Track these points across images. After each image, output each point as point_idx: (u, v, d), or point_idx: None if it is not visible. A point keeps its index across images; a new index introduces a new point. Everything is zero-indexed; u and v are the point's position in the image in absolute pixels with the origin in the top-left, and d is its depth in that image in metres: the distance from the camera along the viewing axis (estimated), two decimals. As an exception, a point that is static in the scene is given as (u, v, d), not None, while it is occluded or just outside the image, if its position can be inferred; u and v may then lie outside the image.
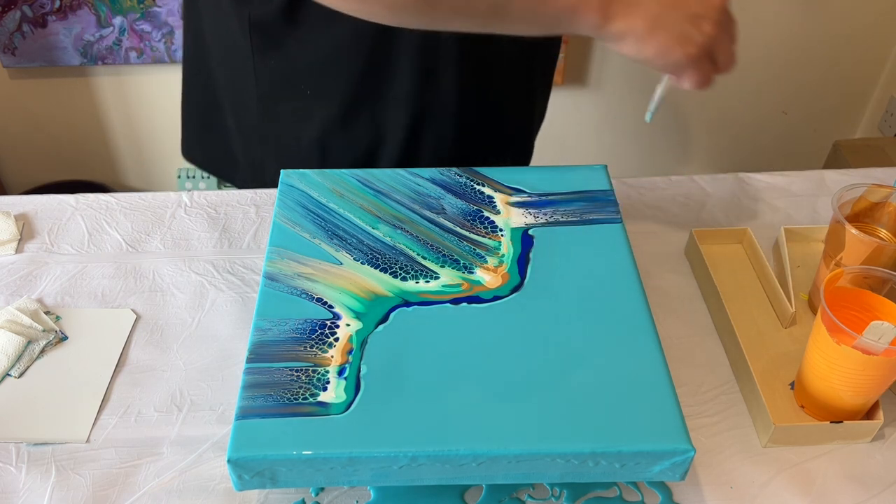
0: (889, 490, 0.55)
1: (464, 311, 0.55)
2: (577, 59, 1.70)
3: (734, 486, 0.55)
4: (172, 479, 0.56)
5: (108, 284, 0.71)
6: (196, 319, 0.68)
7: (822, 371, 0.56)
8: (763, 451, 0.58)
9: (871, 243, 0.61)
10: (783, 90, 1.80)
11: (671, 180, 0.84)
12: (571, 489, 0.55)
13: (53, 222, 0.78)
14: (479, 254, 0.60)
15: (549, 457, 0.47)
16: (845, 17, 1.67)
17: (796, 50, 1.72)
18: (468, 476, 0.49)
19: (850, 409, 0.57)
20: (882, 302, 0.57)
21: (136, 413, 0.60)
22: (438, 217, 0.63)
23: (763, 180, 0.84)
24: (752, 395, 0.60)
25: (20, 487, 0.55)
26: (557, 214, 0.63)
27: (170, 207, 0.80)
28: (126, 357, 0.65)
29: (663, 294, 0.71)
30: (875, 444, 0.58)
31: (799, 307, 0.68)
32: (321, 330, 0.54)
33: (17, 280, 0.72)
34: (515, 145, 0.91)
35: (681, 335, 0.67)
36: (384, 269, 0.58)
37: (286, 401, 0.49)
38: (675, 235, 0.77)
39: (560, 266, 0.59)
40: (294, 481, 0.49)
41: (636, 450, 0.47)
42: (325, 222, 0.62)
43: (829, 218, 0.70)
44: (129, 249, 0.75)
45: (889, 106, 1.80)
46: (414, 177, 0.67)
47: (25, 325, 0.65)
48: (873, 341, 0.52)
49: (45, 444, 0.58)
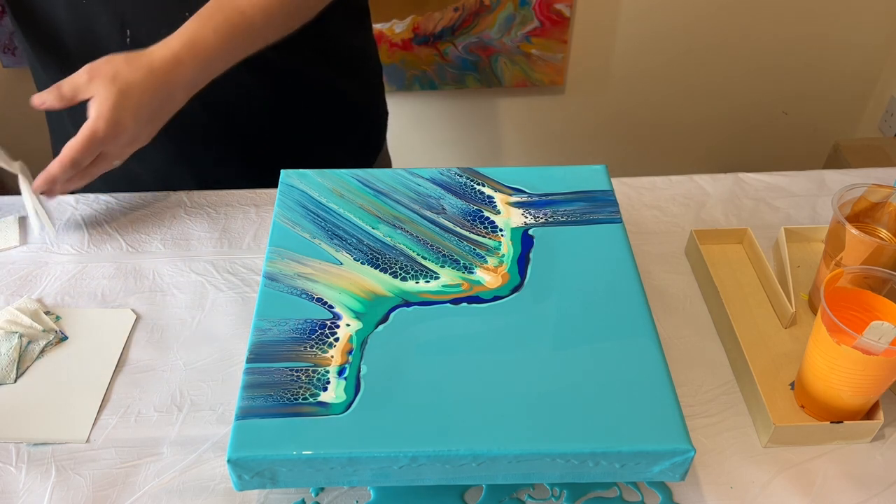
0: (889, 490, 0.55)
1: (464, 311, 0.55)
2: (577, 60, 1.70)
3: (734, 486, 0.55)
4: (172, 479, 0.56)
5: (108, 284, 0.71)
6: (196, 319, 0.68)
7: (822, 371, 0.56)
8: (763, 451, 0.58)
9: (872, 243, 0.61)
10: (783, 90, 1.80)
11: (671, 180, 0.84)
12: (571, 489, 0.55)
13: (53, 222, 0.78)
14: (479, 254, 0.60)
15: (549, 457, 0.47)
16: (845, 17, 1.67)
17: (796, 50, 1.72)
18: (468, 476, 0.49)
19: (850, 409, 0.57)
20: (882, 302, 0.57)
21: (136, 413, 0.60)
22: (438, 217, 0.63)
23: (763, 180, 0.84)
24: (752, 396, 0.60)
25: (20, 487, 0.55)
26: (557, 214, 0.63)
27: (170, 207, 0.80)
28: (126, 357, 0.65)
29: (663, 294, 0.71)
30: (875, 444, 0.58)
31: (799, 307, 0.68)
32: (321, 330, 0.54)
33: (17, 280, 0.72)
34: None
35: (681, 335, 0.67)
36: (384, 270, 0.58)
37: (286, 401, 0.49)
38: (675, 235, 0.77)
39: (560, 266, 0.59)
40: (294, 481, 0.49)
41: (636, 450, 0.47)
42: (325, 222, 0.62)
43: (829, 218, 0.70)
44: (129, 249, 0.75)
45: (889, 106, 1.80)
46: (414, 177, 0.67)
47: (25, 325, 0.65)
48: (873, 341, 0.52)
49: (45, 444, 0.58)
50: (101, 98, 0.65)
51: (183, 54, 0.67)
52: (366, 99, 0.97)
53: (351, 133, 0.95)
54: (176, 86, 0.68)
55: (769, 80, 1.78)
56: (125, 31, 0.76)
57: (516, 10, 1.58)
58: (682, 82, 1.76)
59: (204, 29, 0.67)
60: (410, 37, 1.61)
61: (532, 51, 1.65)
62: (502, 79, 1.70)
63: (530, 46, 1.65)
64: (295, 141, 0.89)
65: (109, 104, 0.65)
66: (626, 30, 1.66)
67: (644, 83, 1.76)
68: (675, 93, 1.79)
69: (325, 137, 0.92)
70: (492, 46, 1.64)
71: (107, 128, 0.65)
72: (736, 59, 1.73)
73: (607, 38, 1.67)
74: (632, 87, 1.76)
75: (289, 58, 0.82)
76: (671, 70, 1.74)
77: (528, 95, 1.77)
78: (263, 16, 0.69)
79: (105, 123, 0.65)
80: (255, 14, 0.69)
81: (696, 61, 1.72)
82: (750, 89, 1.79)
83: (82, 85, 0.66)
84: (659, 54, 1.70)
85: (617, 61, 1.71)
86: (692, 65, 1.73)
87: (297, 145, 0.90)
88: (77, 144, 0.65)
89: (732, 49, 1.71)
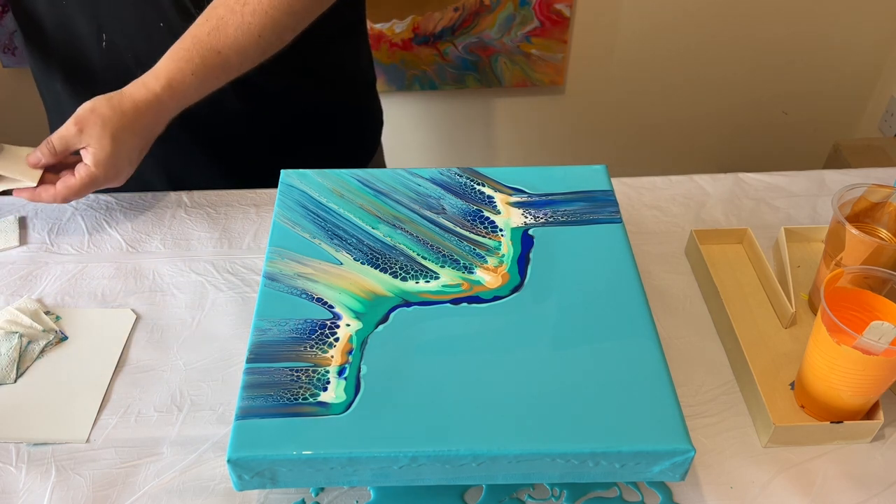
0: (889, 490, 0.55)
1: (464, 311, 0.55)
2: (577, 60, 1.70)
3: (734, 486, 0.55)
4: (172, 479, 0.56)
5: (108, 284, 0.71)
6: (196, 319, 0.68)
7: (822, 371, 0.56)
8: (763, 451, 0.58)
9: (872, 243, 0.61)
10: (783, 90, 1.80)
11: (671, 180, 0.84)
12: (571, 489, 0.55)
13: (53, 222, 0.78)
14: (479, 254, 0.60)
15: (549, 457, 0.47)
16: (845, 17, 1.67)
17: (796, 50, 1.72)
18: (468, 476, 0.49)
19: (850, 409, 0.57)
20: (882, 302, 0.57)
21: (136, 413, 0.60)
22: (438, 217, 0.63)
23: (763, 180, 0.84)
24: (752, 396, 0.60)
25: (20, 487, 0.55)
26: (557, 214, 0.63)
27: (170, 207, 0.80)
28: (126, 357, 0.65)
29: (663, 294, 0.71)
30: (875, 444, 0.58)
31: (799, 307, 0.68)
32: (321, 330, 0.54)
33: (17, 280, 0.72)
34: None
35: (681, 335, 0.67)
36: (384, 269, 0.58)
37: (286, 401, 0.49)
38: (675, 235, 0.77)
39: (560, 266, 0.59)
40: (294, 481, 0.49)
41: (636, 450, 0.47)
42: (325, 222, 0.62)
43: (829, 218, 0.70)
44: (129, 249, 0.75)
45: (889, 106, 1.80)
46: (414, 177, 0.67)
47: (25, 325, 0.65)
48: (873, 341, 0.52)
49: (45, 444, 0.58)
50: (95, 148, 0.69)
51: (164, 96, 0.70)
52: (356, 111, 0.97)
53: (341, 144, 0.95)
54: (159, 123, 0.72)
55: (769, 80, 1.78)
56: (101, 36, 0.78)
57: (516, 10, 1.58)
58: (681, 82, 1.76)
59: (182, 73, 0.70)
60: (410, 37, 1.61)
61: (532, 51, 1.65)
62: (502, 79, 1.70)
63: (530, 46, 1.65)
64: (282, 156, 0.89)
65: (105, 154, 0.69)
66: (626, 30, 1.66)
67: (644, 83, 1.76)
68: (674, 93, 1.79)
69: (314, 150, 0.91)
70: (492, 46, 1.64)
71: (106, 174, 0.70)
72: (736, 59, 1.73)
73: (607, 39, 1.67)
74: (632, 87, 1.76)
75: (275, 79, 0.82)
76: (671, 70, 1.74)
77: (528, 95, 1.77)
78: (239, 56, 0.72)
79: (104, 171, 0.70)
80: (230, 55, 0.71)
81: (695, 61, 1.72)
82: (750, 89, 1.79)
83: (72, 137, 0.70)
84: (659, 54, 1.70)
85: (617, 61, 1.71)
86: (692, 65, 1.73)
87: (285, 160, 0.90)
88: (76, 187, 0.70)
89: (732, 49, 1.71)
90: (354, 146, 0.98)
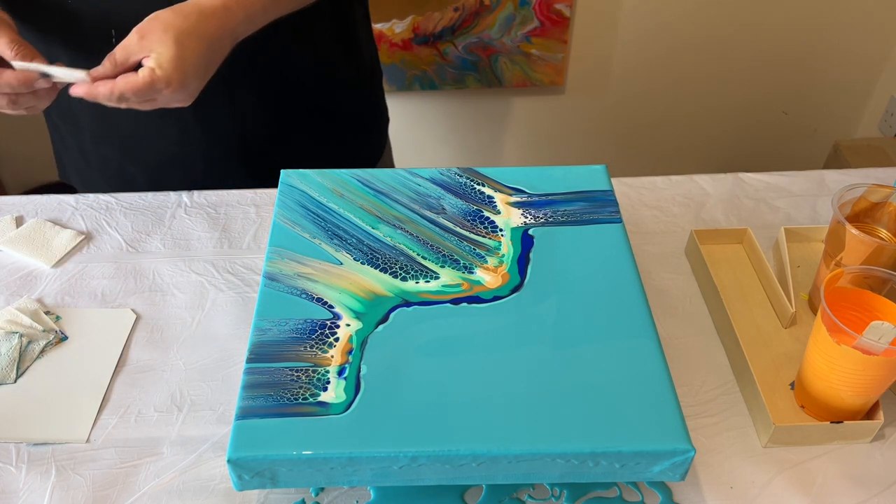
0: (889, 490, 0.55)
1: (464, 311, 0.55)
2: (577, 60, 1.70)
3: (734, 486, 0.55)
4: (172, 479, 0.56)
5: (108, 284, 0.71)
6: (196, 319, 0.68)
7: (822, 371, 0.56)
8: (763, 451, 0.58)
9: (872, 243, 0.61)
10: (783, 90, 1.80)
11: (671, 180, 0.84)
12: (571, 489, 0.55)
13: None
14: (479, 254, 0.60)
15: (549, 457, 0.47)
16: (845, 17, 1.67)
17: (796, 50, 1.72)
18: (468, 476, 0.49)
19: (850, 409, 0.57)
20: (882, 302, 0.57)
21: (136, 413, 0.60)
22: (438, 217, 0.63)
23: (763, 180, 0.84)
24: (752, 396, 0.60)
25: (20, 487, 0.55)
26: (557, 214, 0.63)
27: (170, 207, 0.80)
28: (126, 357, 0.65)
29: (663, 294, 0.71)
30: (875, 444, 0.58)
31: (799, 307, 0.68)
32: (321, 330, 0.54)
33: (17, 280, 0.72)
34: None
35: (681, 335, 0.67)
36: (384, 269, 0.58)
37: (286, 401, 0.49)
38: (675, 235, 0.77)
39: (560, 266, 0.59)
40: (294, 481, 0.49)
41: (636, 450, 0.47)
42: (325, 222, 0.62)
43: (829, 218, 0.70)
44: (129, 249, 0.75)
45: (889, 106, 1.80)
46: (414, 177, 0.67)
47: (25, 325, 0.65)
48: (873, 341, 0.52)
49: (45, 444, 0.58)
50: (157, 51, 0.63)
51: (231, 2, 0.65)
52: (363, 111, 0.96)
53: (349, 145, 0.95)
54: (225, 32, 0.66)
55: (769, 80, 1.78)
56: (111, 32, 0.75)
57: (516, 10, 1.58)
58: (681, 82, 1.76)
59: None
60: (410, 37, 1.61)
61: (532, 51, 1.65)
62: (502, 79, 1.70)
63: (530, 46, 1.65)
64: (291, 154, 0.89)
65: (169, 55, 0.63)
66: (626, 30, 1.66)
67: (644, 83, 1.76)
68: (675, 93, 1.79)
69: (323, 149, 0.91)
70: (492, 46, 1.64)
71: (168, 78, 0.63)
72: (736, 60, 1.73)
73: (607, 39, 1.67)
74: (632, 87, 1.76)
75: (285, 78, 0.82)
76: (671, 70, 1.74)
77: (528, 95, 1.77)
78: None
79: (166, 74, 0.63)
80: None
81: (696, 61, 1.72)
82: (750, 89, 1.79)
83: (133, 45, 0.63)
84: (659, 54, 1.70)
85: (617, 61, 1.71)
86: (692, 65, 1.73)
87: (294, 158, 0.90)
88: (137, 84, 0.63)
89: (732, 49, 1.71)
90: (362, 143, 0.98)
